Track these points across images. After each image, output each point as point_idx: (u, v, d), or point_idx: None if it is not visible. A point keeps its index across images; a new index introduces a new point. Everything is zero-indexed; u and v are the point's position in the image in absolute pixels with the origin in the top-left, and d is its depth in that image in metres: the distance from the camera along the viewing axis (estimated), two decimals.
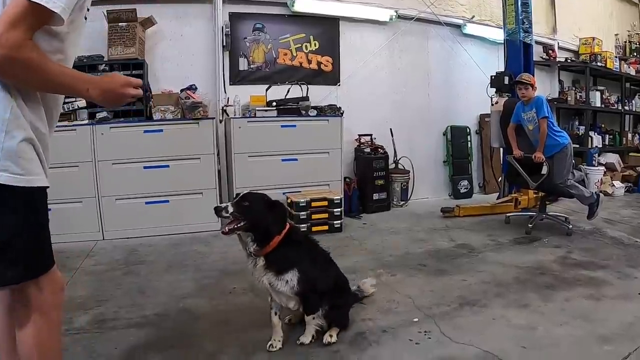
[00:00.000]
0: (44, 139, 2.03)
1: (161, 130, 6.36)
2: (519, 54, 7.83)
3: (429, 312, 3.91)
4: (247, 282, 4.47)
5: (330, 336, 3.42)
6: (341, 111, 7.27)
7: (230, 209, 3.07)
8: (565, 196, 6.54)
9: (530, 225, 6.22)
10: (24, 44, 1.76)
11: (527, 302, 4.07)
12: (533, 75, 6.74)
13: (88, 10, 2.06)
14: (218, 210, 3.10)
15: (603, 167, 9.27)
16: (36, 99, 1.98)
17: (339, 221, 6.60)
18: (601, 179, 8.84)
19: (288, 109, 7.01)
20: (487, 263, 5.13)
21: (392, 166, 8.28)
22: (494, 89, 7.81)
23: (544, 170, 6.21)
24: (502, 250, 5.61)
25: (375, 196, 7.83)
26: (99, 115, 6.23)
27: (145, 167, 6.29)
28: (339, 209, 6.58)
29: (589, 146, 9.70)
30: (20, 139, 1.87)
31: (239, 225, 3.09)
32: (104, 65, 6.46)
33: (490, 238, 6.09)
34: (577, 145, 9.01)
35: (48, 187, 2.04)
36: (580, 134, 9.85)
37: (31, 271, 2.01)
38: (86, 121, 6.17)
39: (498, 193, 8.37)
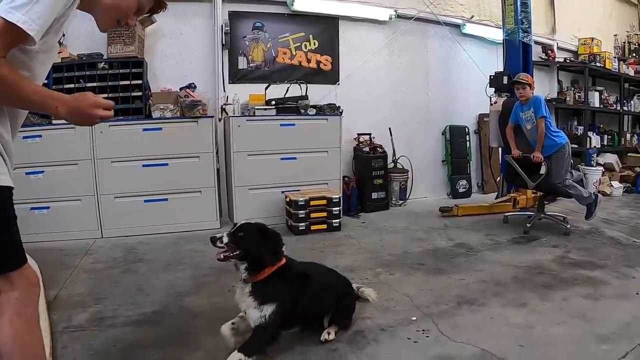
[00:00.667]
0: (8, 144, 2.05)
1: (160, 129, 6.36)
2: (518, 54, 7.83)
3: (427, 310, 3.92)
4: None
5: (328, 334, 3.43)
6: (340, 110, 7.28)
7: (225, 239, 3.11)
8: (563, 196, 6.56)
9: (528, 225, 6.23)
10: None
11: (525, 301, 4.08)
12: (532, 75, 6.76)
13: (64, 35, 2.07)
14: (213, 241, 3.14)
15: (601, 168, 9.30)
16: (1, 109, 2.00)
17: (338, 220, 6.60)
18: (599, 179, 8.86)
19: (287, 107, 7.02)
20: (486, 262, 5.14)
21: (390, 165, 8.29)
22: (493, 89, 7.81)
23: (542, 170, 6.23)
24: (501, 249, 5.61)
25: (374, 195, 7.85)
26: None
27: (144, 166, 6.29)
28: (338, 208, 6.58)
29: (588, 146, 9.72)
30: None
31: (232, 254, 3.14)
32: (103, 63, 6.46)
33: (489, 237, 6.10)
34: (576, 146, 9.05)
35: (12, 187, 2.05)
36: (579, 134, 9.87)
37: (1, 268, 2.02)
38: None
39: (496, 193, 8.36)
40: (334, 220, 6.56)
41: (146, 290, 4.46)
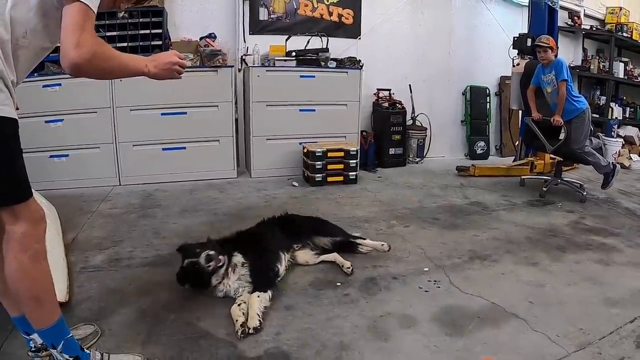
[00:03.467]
0: (13, 85, 2.09)
1: (180, 77, 6.33)
2: (544, 18, 7.65)
3: (440, 263, 3.97)
4: None
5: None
6: (361, 64, 7.22)
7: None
8: (581, 162, 6.51)
9: (544, 189, 6.20)
10: (96, 41, 2.06)
11: (537, 260, 4.10)
12: (556, 40, 6.67)
13: None
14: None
15: (621, 140, 9.18)
16: (8, 55, 2.05)
17: (354, 173, 6.62)
18: (619, 151, 8.76)
19: (307, 59, 6.96)
20: (500, 221, 5.14)
21: (409, 122, 8.24)
22: (516, 51, 7.70)
23: (562, 135, 6.18)
24: (515, 210, 5.61)
25: (392, 151, 7.84)
26: None
27: (162, 114, 6.30)
28: (355, 161, 6.60)
29: (609, 117, 9.58)
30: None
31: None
32: (123, 12, 6.44)
33: (504, 198, 6.09)
34: (597, 116, 8.94)
35: (17, 120, 2.09)
36: (601, 104, 9.71)
37: (10, 197, 2.06)
38: None
39: (514, 156, 8.30)
40: (350, 173, 6.57)
41: (163, 234, 4.54)
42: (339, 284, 3.53)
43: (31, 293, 2.17)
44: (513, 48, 7.69)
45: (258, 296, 3.17)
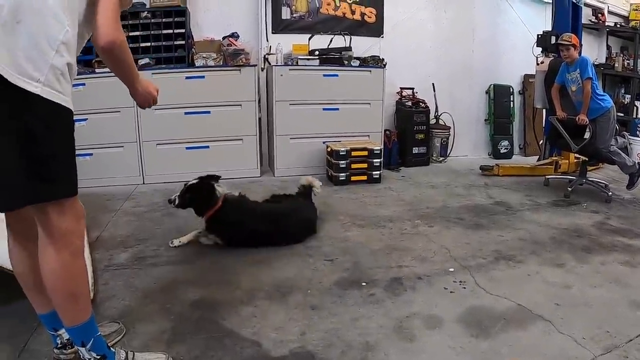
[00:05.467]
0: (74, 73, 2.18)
1: (203, 77, 6.39)
2: (567, 15, 7.53)
3: (465, 263, 3.95)
4: None
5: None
6: (384, 62, 7.21)
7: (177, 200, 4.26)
8: (606, 162, 6.44)
9: (569, 189, 6.14)
10: (121, 31, 2.19)
11: (562, 261, 4.06)
12: (580, 38, 6.62)
13: None
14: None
15: None
16: (76, 40, 2.13)
17: (378, 172, 6.61)
18: None
19: (330, 58, 6.98)
20: (525, 221, 5.10)
21: (432, 121, 8.23)
22: (540, 49, 7.65)
23: (587, 134, 6.12)
24: (540, 210, 5.56)
25: (415, 150, 7.83)
26: (141, 62, 6.24)
27: (186, 113, 6.35)
28: (379, 160, 6.59)
29: (634, 116, 9.48)
30: (66, 61, 2.01)
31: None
32: (146, 12, 6.49)
33: (529, 198, 6.04)
34: (622, 114, 8.84)
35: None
36: (626, 103, 9.61)
37: (61, 191, 2.09)
38: None
39: (538, 155, 8.24)
40: (374, 172, 6.58)
41: (186, 233, 4.53)
42: (364, 283, 3.54)
43: (68, 289, 2.18)
44: (537, 46, 7.60)
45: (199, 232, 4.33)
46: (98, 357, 2.33)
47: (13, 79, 1.84)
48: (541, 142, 8.35)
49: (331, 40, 7.25)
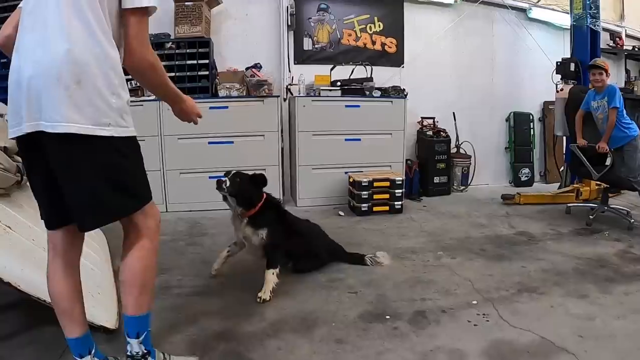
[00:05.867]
0: None
1: (226, 107, 6.50)
2: (586, 41, 7.58)
3: (488, 295, 3.94)
4: None
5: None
6: (405, 93, 7.28)
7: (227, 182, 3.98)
8: (629, 190, 6.42)
9: (591, 217, 6.11)
10: (153, 51, 2.39)
11: (585, 292, 4.04)
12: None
13: None
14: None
15: None
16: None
17: (400, 202, 6.63)
18: None
19: (352, 89, 7.07)
20: (547, 252, 5.09)
21: (453, 150, 8.28)
22: (560, 76, 7.67)
23: (608, 161, 6.13)
24: (562, 240, 5.54)
25: (436, 179, 7.87)
26: None
27: (210, 143, 6.45)
28: (401, 191, 6.61)
29: None
30: (125, 99, 2.36)
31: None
32: (170, 43, 6.63)
33: (551, 227, 6.03)
34: None
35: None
36: None
37: (143, 200, 2.52)
38: (153, 97, 6.33)
39: (559, 183, 8.22)
40: (396, 203, 6.60)
41: (211, 263, 4.54)
42: (388, 317, 3.55)
43: (144, 280, 2.54)
44: (556, 73, 7.65)
45: (273, 273, 3.91)
46: (145, 351, 2.58)
47: (88, 131, 2.19)
48: (562, 168, 8.33)
49: (352, 71, 7.34)
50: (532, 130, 9.07)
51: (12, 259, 2.87)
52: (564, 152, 8.18)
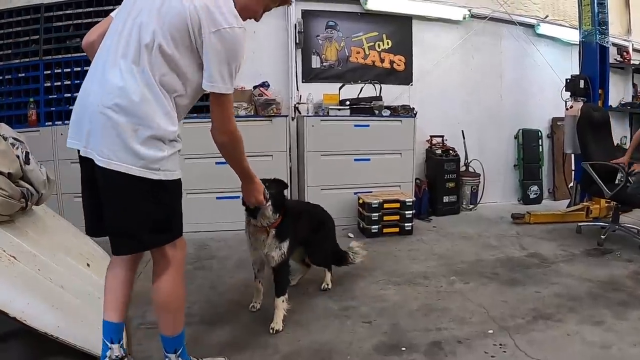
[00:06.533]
0: None
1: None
2: (595, 57, 7.55)
3: (504, 324, 3.90)
4: (318, 282, 4.62)
5: (327, 284, 4.59)
6: (414, 112, 7.27)
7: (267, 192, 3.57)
8: None
9: (602, 237, 6.08)
10: (236, 129, 2.72)
11: (601, 319, 4.00)
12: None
13: None
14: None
15: None
16: (178, 122, 2.64)
17: (410, 224, 6.59)
18: None
19: (361, 108, 7.05)
20: (560, 275, 5.06)
21: (462, 168, 8.25)
22: (569, 93, 7.65)
23: (619, 176, 6.10)
24: (574, 262, 5.51)
25: (445, 199, 7.83)
26: None
27: (217, 163, 6.36)
28: (411, 212, 6.57)
29: None
30: (178, 148, 2.64)
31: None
32: None
33: (562, 248, 5.99)
34: None
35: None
36: None
37: (175, 235, 2.71)
38: None
39: (569, 200, 8.14)
40: (406, 224, 6.55)
41: (220, 289, 4.61)
42: (403, 348, 3.51)
43: (176, 305, 2.81)
44: (566, 90, 7.64)
45: (283, 301, 3.85)
46: None
47: (140, 173, 2.43)
48: (570, 185, 8.30)
49: (361, 90, 7.34)
50: (540, 147, 9.03)
51: (18, 291, 2.86)
52: (573, 168, 8.17)
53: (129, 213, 2.54)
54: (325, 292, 4.54)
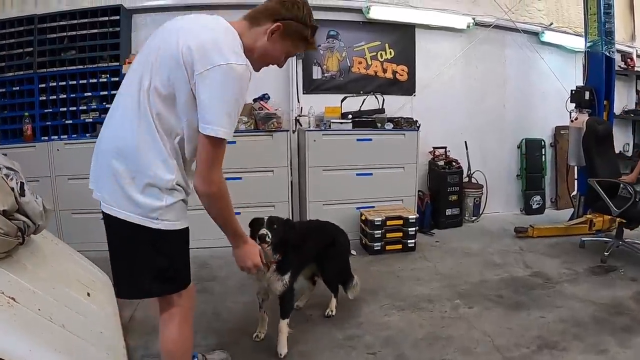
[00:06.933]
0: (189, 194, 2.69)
1: (234, 142, 6.40)
2: (601, 67, 7.47)
3: (509, 354, 3.88)
4: (322, 307, 4.59)
5: (331, 310, 4.57)
6: (418, 125, 7.21)
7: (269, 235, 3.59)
8: None
9: (606, 254, 6.05)
10: (221, 180, 2.54)
11: (605, 347, 3.99)
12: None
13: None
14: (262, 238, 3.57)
15: None
16: (185, 168, 2.65)
17: (413, 240, 6.56)
18: None
19: (363, 121, 7.00)
20: (564, 297, 5.03)
21: (465, 179, 8.22)
22: (574, 104, 7.58)
23: (621, 191, 6.08)
24: (578, 281, 5.48)
25: (448, 212, 7.81)
26: None
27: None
28: (414, 229, 6.53)
29: None
30: (181, 197, 2.61)
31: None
32: None
33: (566, 266, 5.96)
34: None
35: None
36: None
37: (179, 286, 2.72)
38: None
39: (572, 210, 8.08)
40: (409, 241, 6.52)
41: (223, 315, 4.58)
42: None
43: (182, 353, 2.80)
44: (571, 101, 7.58)
45: (287, 323, 3.87)
46: None
47: (140, 221, 2.46)
48: (573, 194, 8.28)
49: (363, 101, 7.29)
50: (543, 156, 9.00)
51: (19, 337, 2.75)
52: (576, 177, 8.15)
53: (131, 260, 2.59)
54: (329, 318, 4.51)
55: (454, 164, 7.97)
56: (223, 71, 2.34)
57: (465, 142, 8.31)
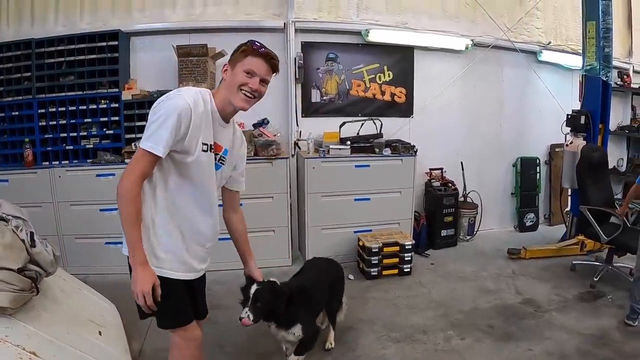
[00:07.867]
0: (184, 246, 3.13)
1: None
2: (597, 91, 7.51)
3: None
4: (320, 339, 4.61)
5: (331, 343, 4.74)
6: (415, 149, 7.29)
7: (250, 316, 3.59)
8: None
9: (595, 279, 6.21)
10: (132, 187, 2.66)
11: None
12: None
13: (206, 146, 2.87)
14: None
15: None
16: (171, 226, 3.00)
17: (409, 265, 6.69)
18: None
19: (362, 147, 7.12)
20: (552, 327, 5.20)
21: (460, 199, 8.34)
22: (569, 128, 7.68)
23: (613, 219, 6.24)
24: (567, 309, 5.64)
25: (444, 232, 7.94)
26: None
27: (220, 205, 6.46)
28: (410, 254, 6.66)
29: None
30: (160, 247, 2.96)
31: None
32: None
33: (556, 292, 6.12)
34: None
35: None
36: None
37: (173, 325, 3.09)
38: None
39: (564, 226, 8.29)
40: (405, 266, 6.66)
41: (227, 348, 4.69)
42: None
43: None
44: (566, 125, 7.68)
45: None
46: None
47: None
48: (566, 210, 8.39)
49: (362, 125, 7.43)
50: (538, 174, 9.15)
51: None
52: (569, 193, 8.26)
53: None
54: (329, 352, 4.66)
55: (450, 185, 8.11)
56: (159, 100, 2.74)
57: (462, 162, 8.45)
